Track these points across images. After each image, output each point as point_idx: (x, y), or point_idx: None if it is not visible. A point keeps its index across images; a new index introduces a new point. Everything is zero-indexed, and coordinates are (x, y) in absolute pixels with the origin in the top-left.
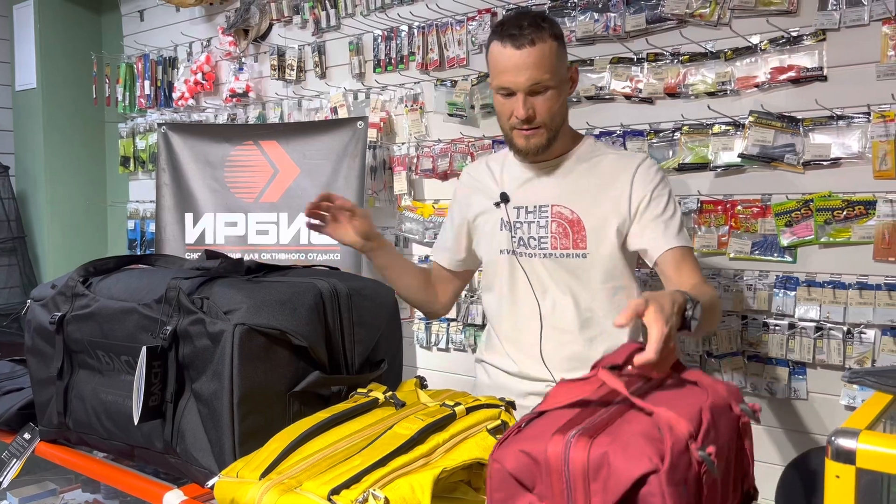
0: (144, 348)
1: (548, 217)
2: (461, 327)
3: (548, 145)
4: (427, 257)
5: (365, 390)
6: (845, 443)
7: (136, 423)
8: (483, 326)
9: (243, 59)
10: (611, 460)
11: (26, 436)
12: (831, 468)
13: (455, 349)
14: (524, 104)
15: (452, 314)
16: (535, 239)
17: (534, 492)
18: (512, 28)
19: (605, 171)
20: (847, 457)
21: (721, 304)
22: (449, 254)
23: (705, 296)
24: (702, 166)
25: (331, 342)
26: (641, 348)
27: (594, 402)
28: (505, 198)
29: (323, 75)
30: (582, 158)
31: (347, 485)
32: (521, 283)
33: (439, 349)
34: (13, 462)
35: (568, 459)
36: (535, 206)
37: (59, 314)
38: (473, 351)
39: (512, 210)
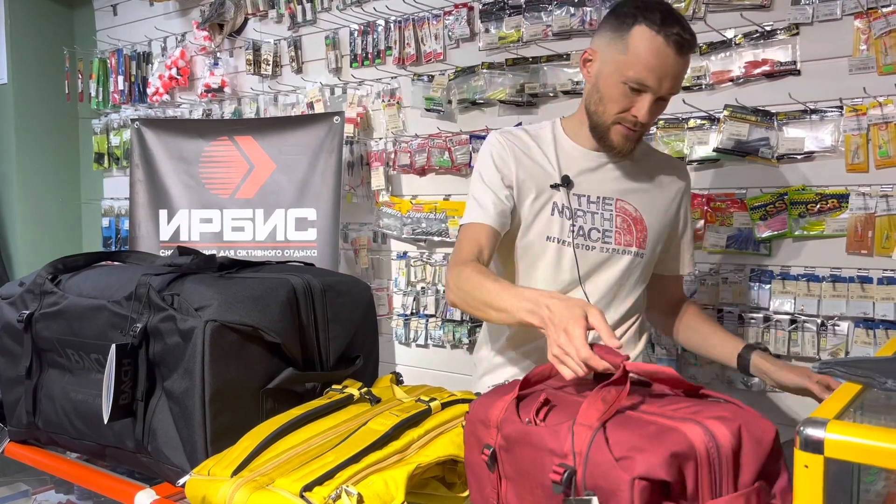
0: (114, 346)
1: (612, 210)
2: (440, 323)
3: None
4: (406, 253)
5: (340, 387)
6: (813, 432)
7: (106, 421)
8: (462, 322)
9: (218, 54)
10: (747, 432)
11: None
12: (800, 458)
13: (434, 345)
14: (651, 108)
15: (431, 310)
16: (597, 231)
17: (673, 497)
18: (674, 26)
19: (657, 172)
20: (815, 446)
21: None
22: (500, 216)
23: None
24: None
25: (304, 338)
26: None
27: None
28: (568, 182)
29: (299, 70)
30: (638, 155)
31: (320, 481)
32: (566, 275)
33: (418, 345)
34: None
35: (718, 443)
36: (598, 197)
37: (28, 312)
38: (452, 347)
39: (573, 197)
